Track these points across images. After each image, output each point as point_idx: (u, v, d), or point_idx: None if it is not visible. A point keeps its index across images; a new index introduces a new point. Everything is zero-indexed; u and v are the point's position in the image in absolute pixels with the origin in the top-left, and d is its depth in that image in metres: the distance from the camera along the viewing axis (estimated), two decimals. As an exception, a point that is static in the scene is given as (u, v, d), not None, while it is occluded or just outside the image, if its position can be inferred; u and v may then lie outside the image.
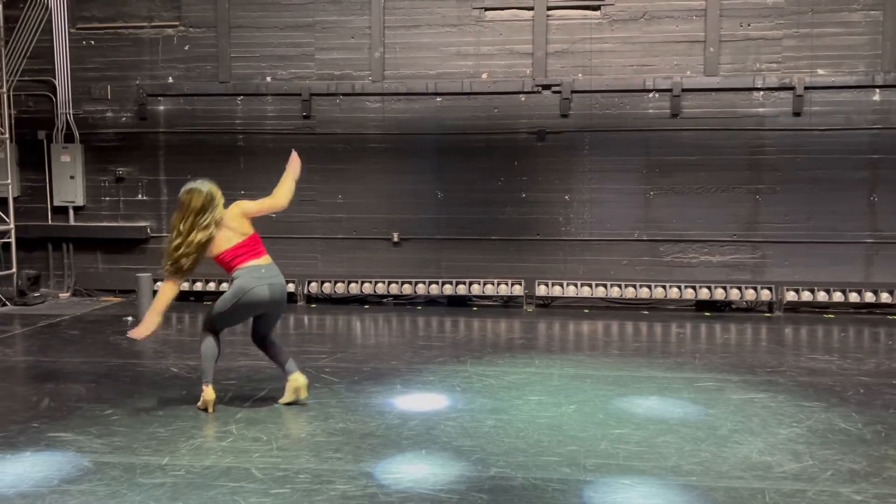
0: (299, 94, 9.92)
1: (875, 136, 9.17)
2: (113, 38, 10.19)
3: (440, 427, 4.63)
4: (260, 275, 4.94)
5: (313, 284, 9.88)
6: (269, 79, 10.03)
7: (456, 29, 9.72)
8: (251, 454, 4.15)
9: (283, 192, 5.17)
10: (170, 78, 10.15)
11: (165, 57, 10.13)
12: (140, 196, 10.32)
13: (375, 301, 9.92)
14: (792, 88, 9.20)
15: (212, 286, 9.96)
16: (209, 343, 4.98)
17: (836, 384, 5.69)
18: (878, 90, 9.12)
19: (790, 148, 9.31)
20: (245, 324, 5.36)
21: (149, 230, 10.29)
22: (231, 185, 10.06)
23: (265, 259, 5.08)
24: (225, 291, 5.04)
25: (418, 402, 5.22)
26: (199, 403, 4.97)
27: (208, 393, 4.91)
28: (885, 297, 8.97)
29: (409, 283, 9.74)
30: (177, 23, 10.08)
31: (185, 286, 9.93)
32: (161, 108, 10.18)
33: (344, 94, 9.90)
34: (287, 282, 9.72)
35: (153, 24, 10.12)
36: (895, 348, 7.20)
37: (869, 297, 9.00)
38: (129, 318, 8.47)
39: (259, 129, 10.08)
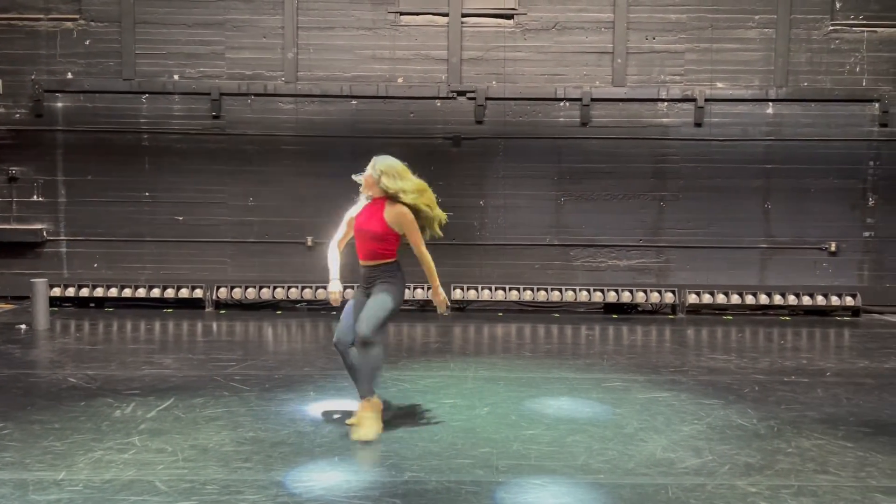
0: (209, 94, 9.64)
1: (769, 147, 9.73)
2: (6, 29, 9.61)
3: (350, 433, 4.57)
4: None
5: (222, 290, 9.60)
6: (176, 77, 9.70)
7: (371, 32, 9.69)
8: (155, 466, 3.99)
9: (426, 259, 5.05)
10: (69, 74, 9.66)
11: (64, 51, 9.63)
12: (35, 197, 9.76)
13: (289, 306, 9.73)
14: (693, 100, 9.64)
15: (113, 292, 9.53)
16: (381, 352, 4.61)
17: (733, 382, 5.98)
18: (771, 104, 9.68)
19: (692, 157, 9.76)
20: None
21: (45, 233, 9.74)
22: (135, 187, 9.74)
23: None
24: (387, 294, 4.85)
25: (332, 408, 5.14)
26: (355, 420, 4.57)
27: (377, 403, 4.57)
28: (777, 300, 9.52)
29: (324, 287, 9.60)
30: (77, 16, 9.60)
31: (85, 292, 9.49)
32: (59, 104, 9.66)
33: (256, 95, 9.69)
34: (194, 287, 9.59)
35: (51, 16, 9.61)
36: (787, 347, 7.64)
37: (763, 299, 9.53)
38: (23, 327, 7.99)
39: (165, 128, 9.73)
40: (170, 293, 9.61)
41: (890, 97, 9.62)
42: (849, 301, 9.51)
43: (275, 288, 9.58)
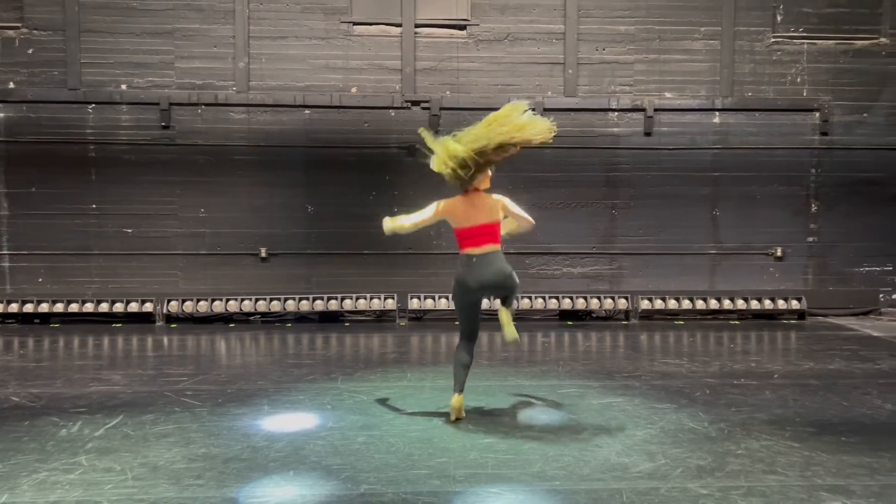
0: (157, 104, 9.47)
1: (716, 156, 9.98)
2: (-57, 37, 9.31)
3: (309, 447, 4.52)
4: (469, 263, 4.92)
5: (173, 303, 9.41)
6: (124, 87, 9.51)
7: (324, 42, 9.65)
8: (103, 486, 3.87)
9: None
10: (11, 83, 9.38)
11: (6, 60, 9.36)
12: (-25, 210, 9.44)
13: (242, 319, 9.59)
14: (643, 110, 9.84)
15: (59, 307, 9.25)
16: (458, 350, 5.08)
17: (685, 386, 6.09)
18: (717, 113, 9.94)
19: (642, 166, 9.95)
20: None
21: (-14, 247, 9.42)
22: (82, 199, 9.50)
23: (485, 248, 4.95)
24: None
25: (286, 422, 5.07)
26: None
27: (455, 399, 4.97)
28: (727, 304, 9.75)
29: (278, 299, 9.50)
30: (19, 24, 9.34)
31: (30, 308, 9.20)
32: (0, 115, 9.37)
33: (206, 105, 9.55)
34: (143, 301, 9.36)
35: (-9, 23, 9.33)
36: (736, 351, 7.83)
37: (713, 304, 9.75)
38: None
39: (113, 139, 9.52)
40: (118, 307, 9.38)
41: (829, 107, 9.97)
42: (795, 305, 9.80)
43: (227, 301, 9.43)
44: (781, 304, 9.79)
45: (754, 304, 9.78)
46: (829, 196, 10.06)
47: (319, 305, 9.50)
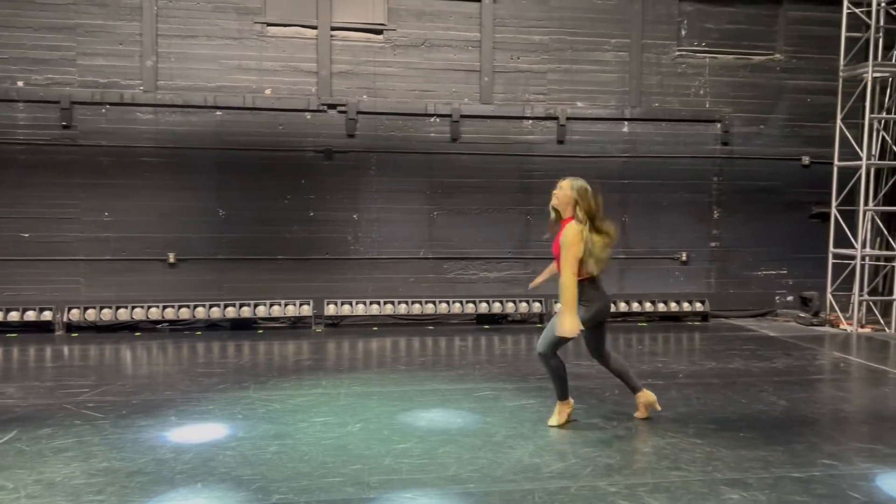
0: (58, 102, 9.01)
1: (625, 164, 10.32)
2: None
3: (218, 458, 4.39)
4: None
5: (74, 311, 8.95)
6: (20, 83, 9.00)
7: (237, 42, 9.43)
8: (-8, 507, 3.64)
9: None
10: None
11: None
12: None
13: (149, 327, 9.22)
14: (556, 118, 10.08)
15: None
16: (558, 363, 5.11)
17: (596, 387, 6.26)
18: (626, 123, 10.29)
19: (555, 173, 10.02)
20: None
21: None
22: (-28, 201, 8.91)
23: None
24: None
25: (195, 433, 4.91)
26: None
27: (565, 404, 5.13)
28: (635, 307, 10.09)
29: (188, 306, 9.19)
30: None
31: (-88, 318, 8.56)
32: None
33: (111, 104, 9.16)
34: (42, 309, 8.87)
35: None
36: (644, 352, 8.11)
37: (623, 306, 10.07)
38: None
39: (8, 138, 8.99)
40: (14, 316, 8.84)
41: (730, 118, 10.48)
42: (699, 307, 10.24)
43: (133, 308, 9.05)
44: (686, 306, 10.21)
45: (661, 307, 10.16)
46: (729, 203, 10.57)
47: (231, 312, 9.25)
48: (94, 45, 9.14)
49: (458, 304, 9.75)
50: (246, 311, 9.28)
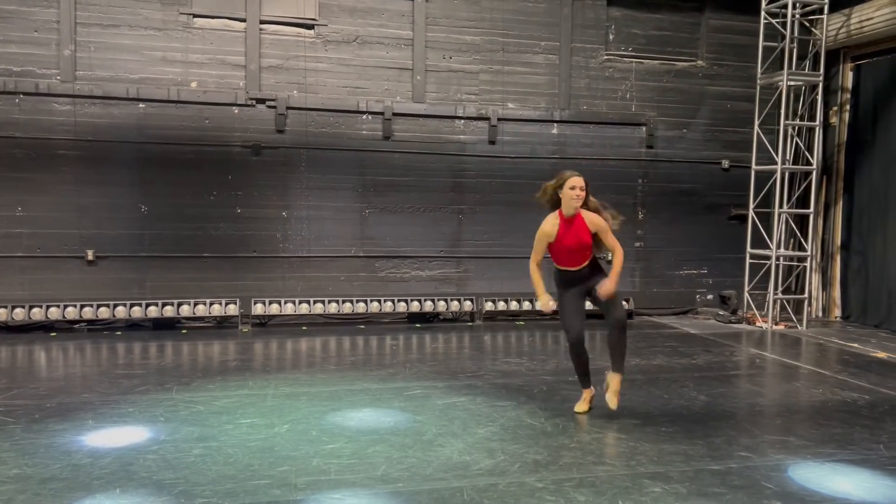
0: (-34, 90, 8.52)
1: (554, 165, 10.46)
2: None
3: (139, 462, 4.24)
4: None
5: (-15, 311, 8.49)
6: (-76, 69, 8.47)
7: (161, 33, 9.13)
8: None
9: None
10: None
11: None
12: None
13: (65, 327, 8.82)
14: (487, 119, 10.16)
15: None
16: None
17: (524, 384, 6.35)
18: (556, 124, 10.46)
19: (487, 173, 10.27)
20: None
21: None
22: None
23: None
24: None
25: (114, 437, 4.73)
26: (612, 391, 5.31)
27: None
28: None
29: (107, 305, 8.84)
30: None
31: None
32: None
33: (25, 94, 8.72)
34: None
35: None
36: (572, 349, 8.26)
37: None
38: None
39: None
40: (-85, 317, 8.33)
41: (654, 122, 10.80)
42: (624, 305, 10.44)
43: (48, 307, 8.65)
44: (613, 304, 10.44)
45: (588, 305, 10.32)
46: (653, 205, 10.90)
47: (153, 312, 8.95)
48: (6, 32, 8.68)
49: (389, 303, 9.71)
50: (169, 311, 9.00)
